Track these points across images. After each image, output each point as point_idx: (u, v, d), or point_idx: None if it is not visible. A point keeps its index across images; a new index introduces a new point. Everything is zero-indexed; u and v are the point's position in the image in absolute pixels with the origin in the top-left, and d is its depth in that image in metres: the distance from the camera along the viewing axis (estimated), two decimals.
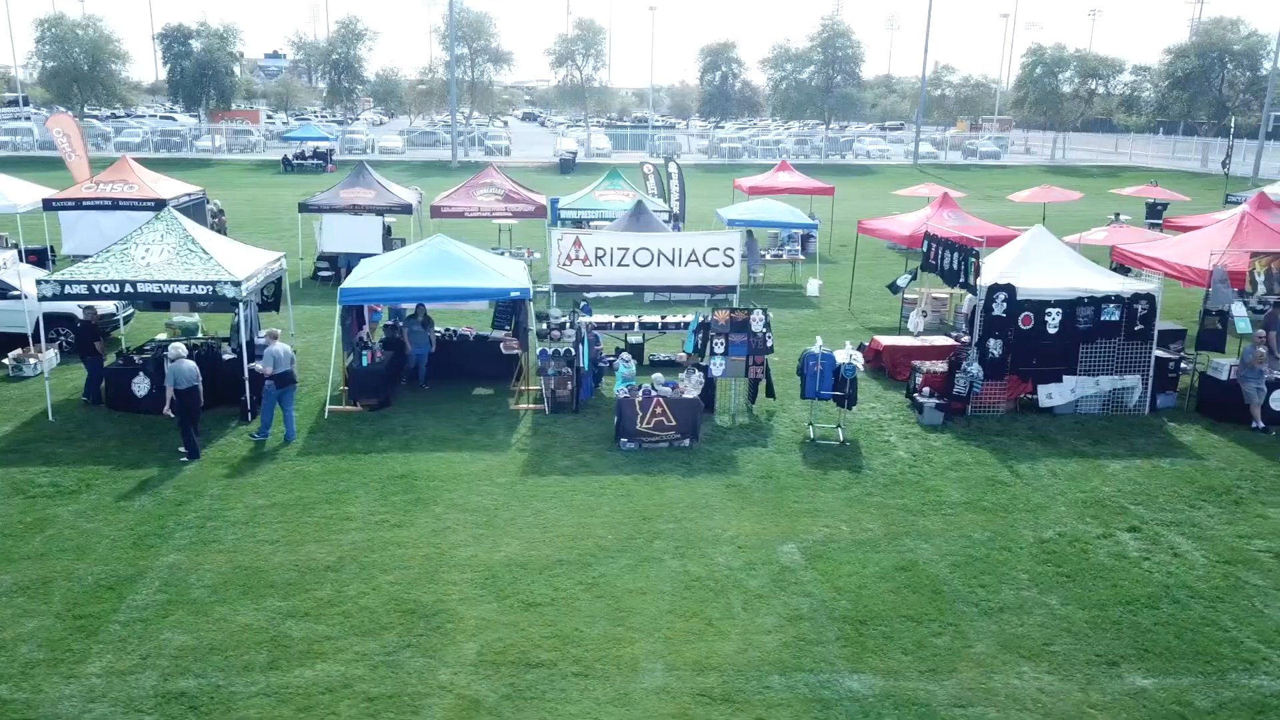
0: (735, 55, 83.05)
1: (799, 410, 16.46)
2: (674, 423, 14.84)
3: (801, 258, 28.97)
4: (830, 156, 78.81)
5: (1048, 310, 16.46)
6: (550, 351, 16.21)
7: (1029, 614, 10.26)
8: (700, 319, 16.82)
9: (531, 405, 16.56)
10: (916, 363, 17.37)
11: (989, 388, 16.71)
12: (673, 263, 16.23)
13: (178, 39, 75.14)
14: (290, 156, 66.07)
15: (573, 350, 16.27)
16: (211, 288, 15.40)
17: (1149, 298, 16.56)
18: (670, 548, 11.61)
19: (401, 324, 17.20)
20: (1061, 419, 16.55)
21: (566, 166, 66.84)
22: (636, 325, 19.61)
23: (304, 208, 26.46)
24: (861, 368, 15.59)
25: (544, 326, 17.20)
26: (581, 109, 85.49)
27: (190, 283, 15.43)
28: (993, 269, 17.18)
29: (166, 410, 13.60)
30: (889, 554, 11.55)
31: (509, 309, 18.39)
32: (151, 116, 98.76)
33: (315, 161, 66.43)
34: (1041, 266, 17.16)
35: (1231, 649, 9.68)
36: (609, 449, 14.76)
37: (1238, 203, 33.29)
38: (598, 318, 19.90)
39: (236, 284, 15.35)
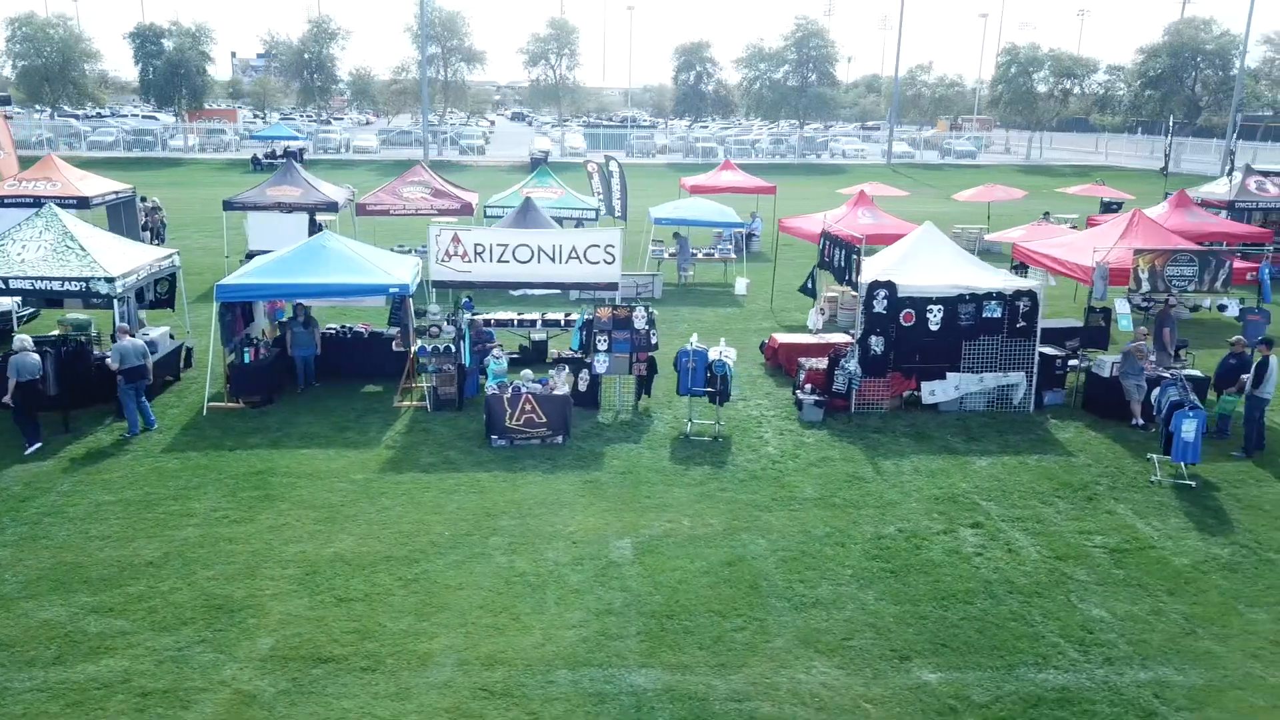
0: (709, 55, 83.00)
1: (684, 407, 16.46)
2: (544, 419, 14.84)
3: (733, 257, 28.98)
4: (806, 156, 78.88)
5: (929, 307, 16.48)
6: (430, 348, 16.22)
7: (839, 609, 10.27)
8: (585, 317, 16.83)
9: (415, 403, 16.56)
10: (801, 360, 17.39)
11: (872, 385, 16.73)
12: (553, 260, 16.23)
13: (149, 38, 75.12)
14: (260, 156, 66.15)
15: (453, 347, 16.27)
16: (85, 284, 15.40)
17: (1030, 295, 16.58)
18: (505, 544, 11.61)
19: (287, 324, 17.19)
20: (945, 416, 16.57)
21: (537, 165, 66.88)
22: (540, 323, 19.67)
23: (228, 205, 26.42)
24: (732, 363, 15.57)
25: (422, 323, 17.15)
26: (556, 108, 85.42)
27: (65, 279, 15.43)
28: (876, 266, 17.19)
29: (6, 399, 13.66)
30: (721, 549, 11.55)
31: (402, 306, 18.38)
32: (135, 116, 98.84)
33: (283, 160, 66.50)
34: (927, 263, 17.17)
35: (1030, 644, 9.69)
36: (480, 446, 14.76)
37: None
38: (504, 314, 19.96)
39: (110, 280, 15.34)
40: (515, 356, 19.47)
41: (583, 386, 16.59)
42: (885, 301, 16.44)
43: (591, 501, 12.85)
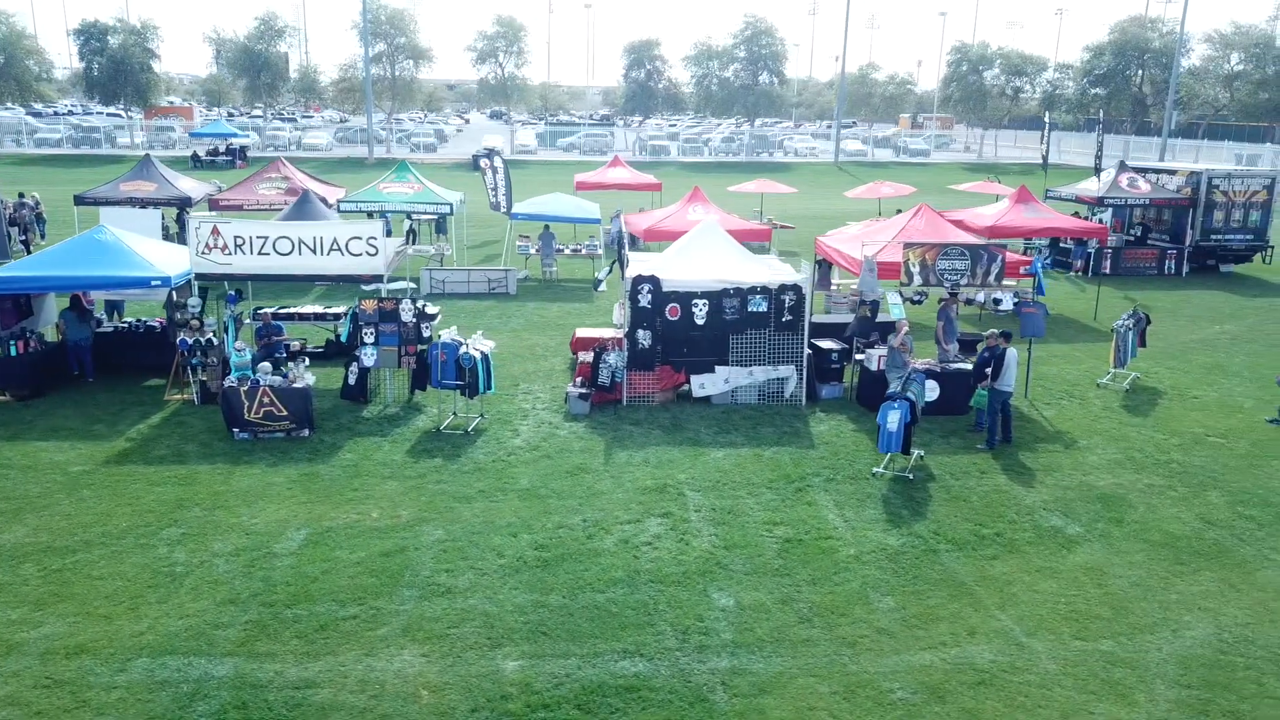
0: (659, 53, 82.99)
1: (461, 401, 16.44)
2: (285, 412, 14.85)
3: (600, 253, 29.02)
4: (759, 154, 78.94)
5: (694, 301, 16.52)
6: (191, 341, 16.22)
7: (466, 599, 10.30)
8: (354, 309, 16.84)
9: (184, 396, 16.57)
10: (578, 354, 17.43)
11: (642, 378, 16.78)
12: (314, 251, 16.22)
13: (95, 35, 74.94)
14: (201, 153, 66.05)
15: (213, 340, 16.28)
16: None
17: (796, 289, 16.64)
18: (177, 535, 11.62)
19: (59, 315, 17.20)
20: (715, 409, 16.62)
21: (478, 163, 66.90)
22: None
23: (80, 200, 26.41)
24: (480, 355, 15.56)
25: (181, 315, 17.10)
26: (507, 105, 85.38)
27: None
28: (649, 261, 17.23)
29: None
30: (390, 540, 11.58)
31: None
32: (99, 114, 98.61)
33: (226, 158, 66.47)
34: (699, 258, 17.25)
35: (634, 632, 9.73)
36: (223, 440, 14.77)
37: (1056, 198, 33.51)
38: (311, 308, 19.98)
39: None
40: (319, 350, 19.55)
41: (352, 380, 16.62)
42: (650, 295, 16.49)
43: (295, 494, 12.86)
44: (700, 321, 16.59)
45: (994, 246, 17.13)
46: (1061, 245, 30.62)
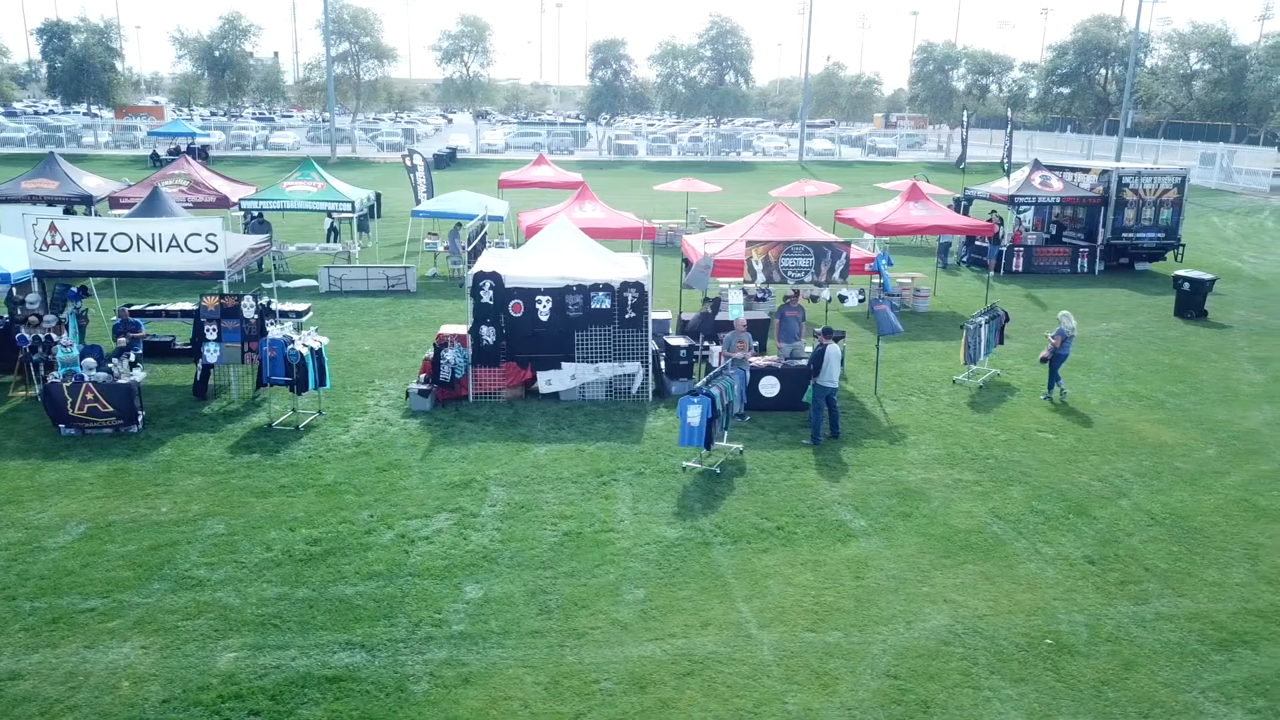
0: (625, 53, 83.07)
1: (308, 399, 16.44)
2: (109, 408, 14.88)
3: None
4: (726, 153, 78.96)
5: (537, 298, 16.58)
6: (30, 338, 16.25)
7: (215, 591, 10.35)
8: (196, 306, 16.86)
9: (27, 393, 16.59)
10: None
11: (487, 374, 16.82)
12: (153, 248, 16.27)
13: (57, 34, 74.97)
14: (162, 152, 66.02)
15: (53, 336, 16.31)
16: None
17: (638, 286, 16.69)
18: None
19: None
20: (559, 405, 16.66)
21: (442, 162, 66.94)
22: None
23: None
24: (307, 352, 15.59)
25: (20, 310, 17.15)
26: (469, 105, 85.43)
27: None
28: (498, 258, 17.28)
29: None
30: (167, 534, 11.62)
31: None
32: (75, 113, 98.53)
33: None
34: (547, 256, 17.30)
35: (367, 625, 9.76)
36: (49, 436, 14.80)
37: (971, 198, 33.63)
38: (181, 305, 19.99)
39: None
40: (188, 347, 19.55)
41: (199, 375, 16.66)
42: (492, 292, 16.54)
43: (96, 489, 12.89)
44: (544, 318, 16.64)
45: (838, 244, 17.18)
46: (977, 243, 30.73)
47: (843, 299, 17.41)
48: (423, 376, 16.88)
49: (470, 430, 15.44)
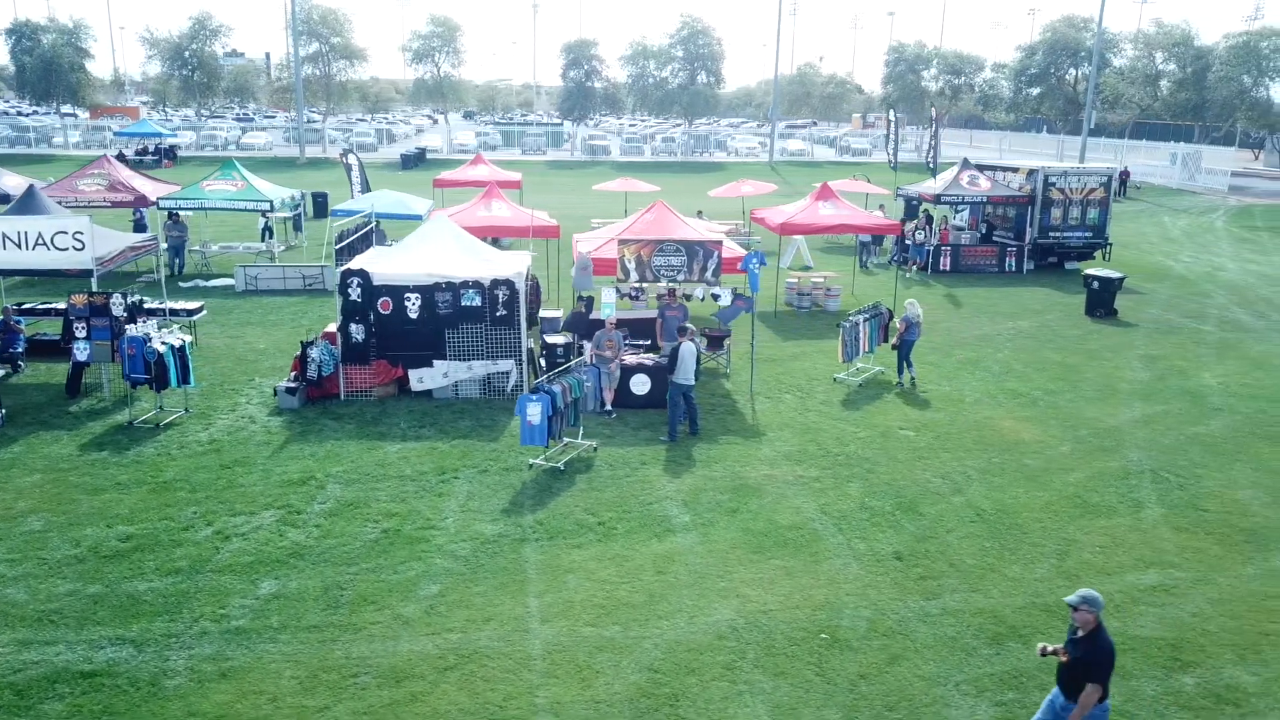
0: (596, 53, 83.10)
1: (177, 396, 16.43)
2: None
3: None
4: (699, 154, 78.95)
5: (406, 295, 16.59)
6: None
7: (6, 587, 10.35)
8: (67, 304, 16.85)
9: None
10: None
11: (358, 371, 16.83)
12: (19, 246, 16.29)
13: (26, 34, 74.84)
14: (129, 152, 65.97)
15: None
16: None
17: (509, 284, 16.71)
18: None
19: None
20: (430, 403, 16.67)
21: (409, 162, 67.06)
22: None
23: None
24: (166, 349, 15.59)
25: None
26: (440, 104, 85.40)
27: None
28: (364, 257, 17.29)
29: None
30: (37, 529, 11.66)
31: None
32: (52, 113, 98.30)
33: (153, 157, 66.54)
34: (420, 253, 17.31)
35: (147, 621, 9.76)
36: None
37: (906, 197, 33.71)
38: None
39: None
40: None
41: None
42: (360, 289, 16.55)
43: None
44: (413, 315, 16.65)
45: (710, 243, 17.21)
46: (908, 243, 30.78)
47: (716, 298, 17.41)
48: (292, 375, 16.88)
49: (330, 428, 15.45)
